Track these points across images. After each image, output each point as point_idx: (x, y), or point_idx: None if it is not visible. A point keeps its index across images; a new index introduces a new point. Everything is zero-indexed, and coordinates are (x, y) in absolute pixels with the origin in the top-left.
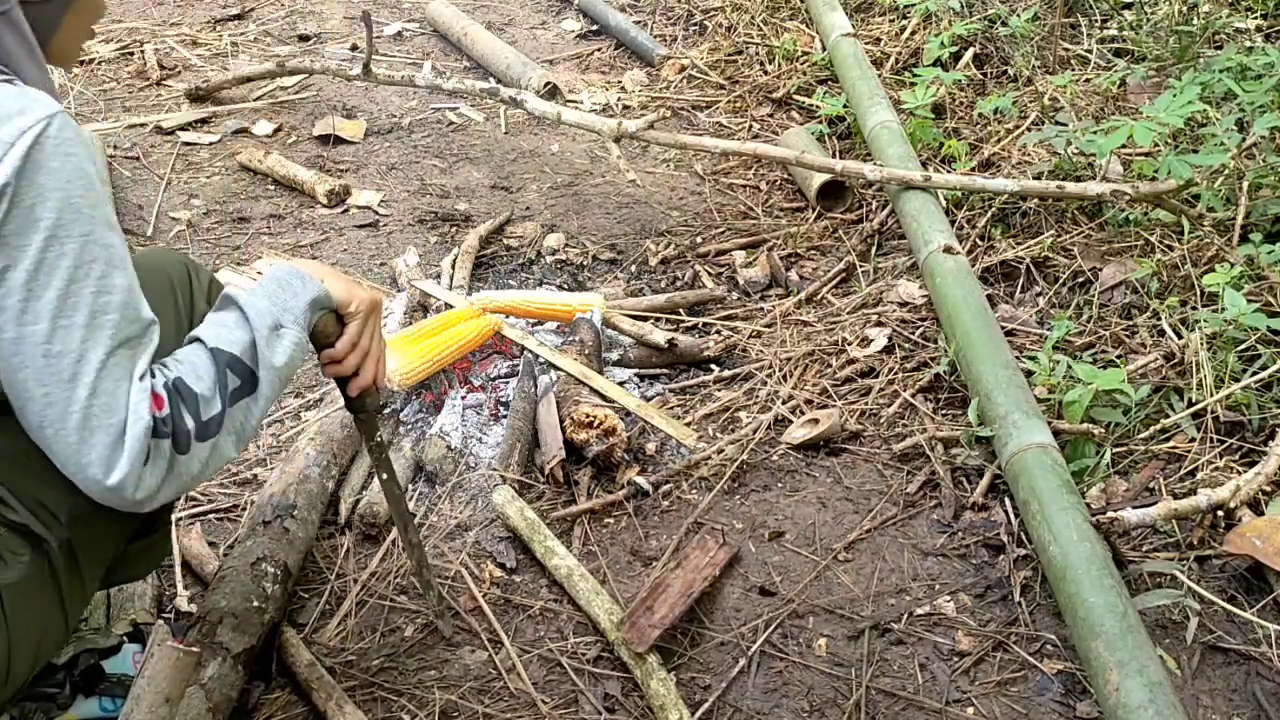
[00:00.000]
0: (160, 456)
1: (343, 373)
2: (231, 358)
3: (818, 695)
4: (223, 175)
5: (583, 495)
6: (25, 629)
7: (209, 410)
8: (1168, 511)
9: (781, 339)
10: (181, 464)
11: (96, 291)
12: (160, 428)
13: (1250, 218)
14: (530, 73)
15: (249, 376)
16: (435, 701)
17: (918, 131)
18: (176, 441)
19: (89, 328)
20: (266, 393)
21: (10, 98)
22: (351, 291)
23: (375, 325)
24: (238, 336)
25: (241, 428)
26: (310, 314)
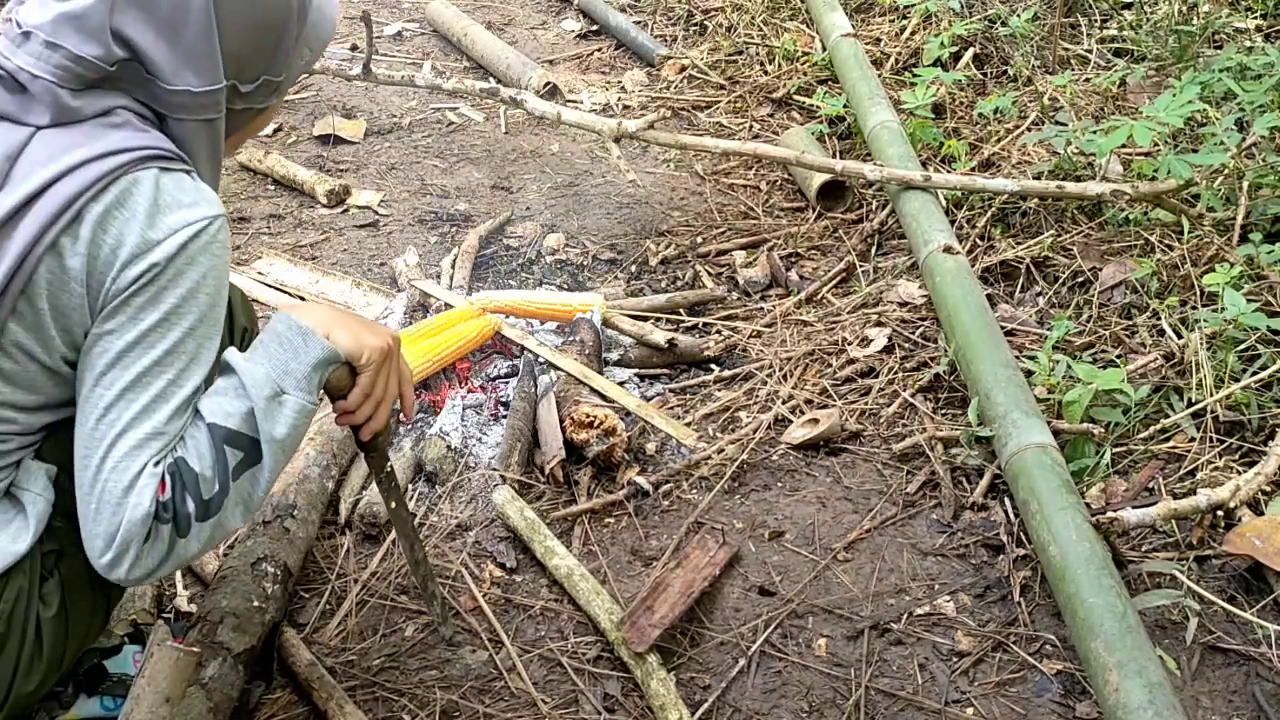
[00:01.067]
0: (160, 540)
1: (356, 422)
2: (229, 433)
3: (817, 695)
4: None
5: (583, 495)
6: (79, 620)
7: (209, 490)
8: (1167, 511)
9: (781, 339)
10: (181, 545)
11: (170, 382)
12: (161, 513)
13: (1250, 217)
14: (530, 73)
15: (251, 447)
16: (436, 701)
17: (918, 131)
18: (177, 525)
19: (144, 411)
20: (270, 464)
21: (186, 189)
22: (362, 342)
23: (390, 370)
24: (235, 408)
25: (248, 498)
26: (316, 376)
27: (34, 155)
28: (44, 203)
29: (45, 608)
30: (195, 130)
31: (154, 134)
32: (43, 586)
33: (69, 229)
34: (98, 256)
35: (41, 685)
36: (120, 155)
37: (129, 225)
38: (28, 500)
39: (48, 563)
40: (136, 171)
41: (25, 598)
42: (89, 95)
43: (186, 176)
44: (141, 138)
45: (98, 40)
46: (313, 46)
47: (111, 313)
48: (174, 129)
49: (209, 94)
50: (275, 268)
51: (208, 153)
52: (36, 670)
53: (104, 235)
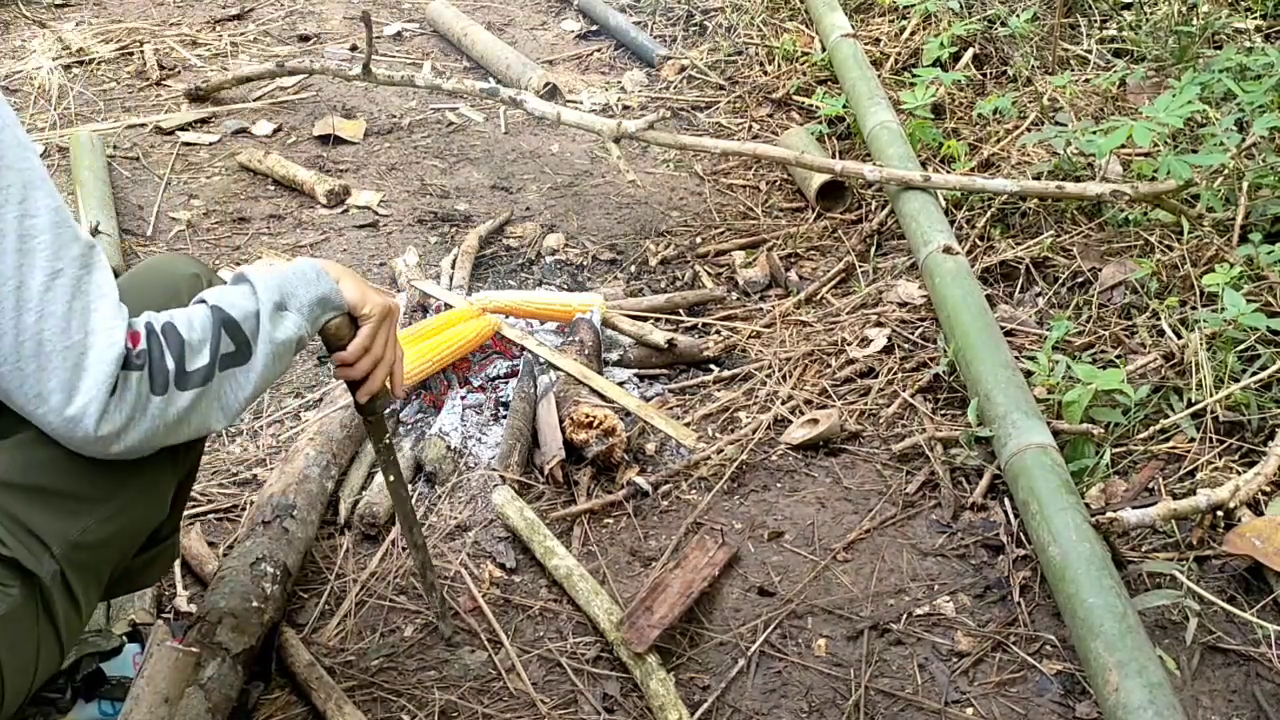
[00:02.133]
0: (129, 389)
1: (353, 376)
2: (230, 319)
3: (817, 695)
4: (222, 175)
5: (582, 495)
6: (18, 660)
7: (195, 359)
8: (1167, 512)
9: (781, 339)
10: (155, 406)
11: (20, 216)
12: (133, 360)
13: (1250, 218)
14: (530, 73)
15: (245, 345)
16: (435, 702)
17: (917, 132)
18: (153, 379)
19: (20, 252)
20: (259, 367)
21: None
22: (366, 295)
23: (389, 331)
24: (242, 304)
25: (228, 400)
26: (317, 309)
27: None
28: None
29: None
30: None
31: None
32: None
33: None
34: None
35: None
36: None
37: None
38: None
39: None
40: None
41: None
42: None
43: None
44: None
45: None
46: None
47: None
48: None
49: None
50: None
51: None
52: None
53: None
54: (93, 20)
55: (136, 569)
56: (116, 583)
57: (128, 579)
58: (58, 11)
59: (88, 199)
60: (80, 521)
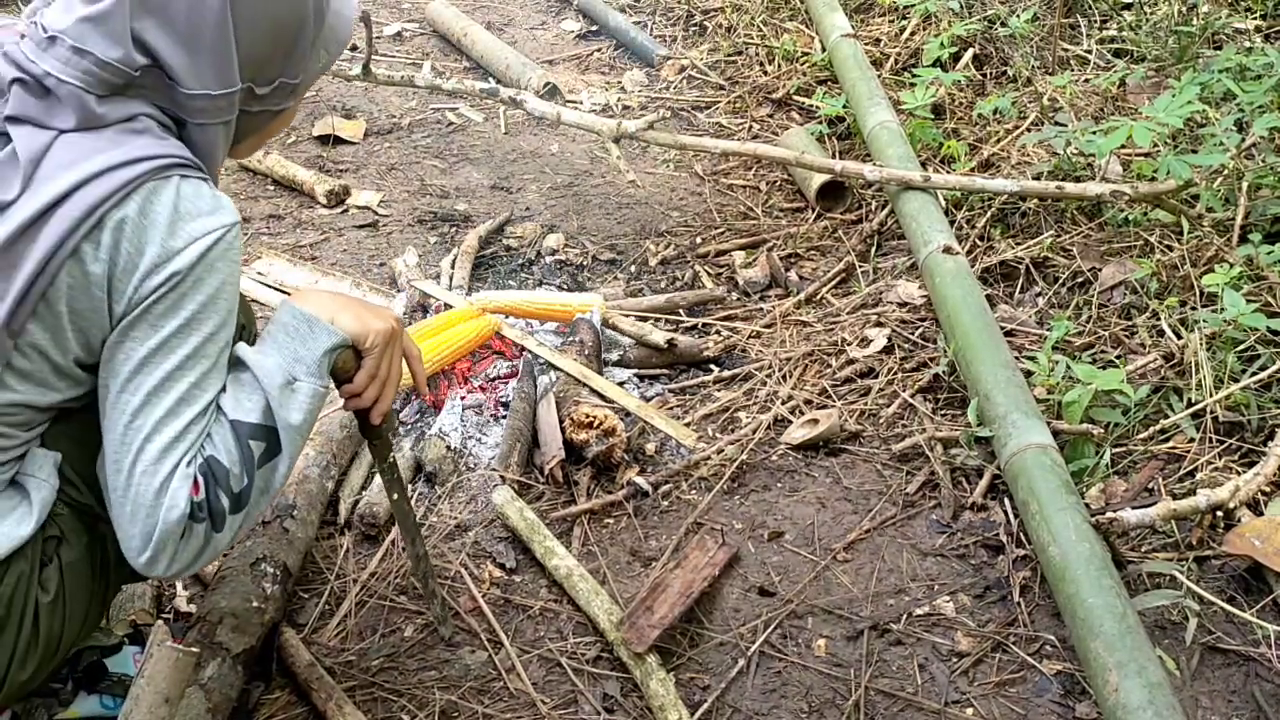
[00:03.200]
0: (196, 537)
1: (362, 405)
2: (251, 427)
3: (817, 695)
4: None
5: (582, 495)
6: (77, 608)
7: (238, 484)
8: (1167, 512)
9: (781, 339)
10: (216, 539)
11: (192, 385)
12: (197, 513)
13: (1249, 218)
14: (530, 73)
15: (271, 438)
16: (435, 702)
17: (917, 132)
18: (213, 521)
19: (169, 414)
20: (289, 451)
21: (205, 197)
22: (366, 325)
23: (395, 351)
24: (253, 402)
25: (269, 486)
26: (325, 361)
27: (58, 159)
28: (67, 208)
29: (44, 594)
30: (214, 134)
31: (173, 141)
32: (42, 572)
33: (91, 235)
34: (118, 263)
35: (37, 673)
36: (143, 163)
37: (150, 233)
38: (32, 487)
39: (49, 549)
40: (157, 179)
41: (25, 583)
42: (113, 101)
43: (205, 184)
44: (162, 145)
45: (121, 45)
46: (330, 49)
47: (134, 320)
48: (193, 134)
49: (225, 96)
50: (275, 268)
51: (220, 155)
52: (32, 657)
53: (125, 242)
54: None
55: None
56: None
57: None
58: None
59: None
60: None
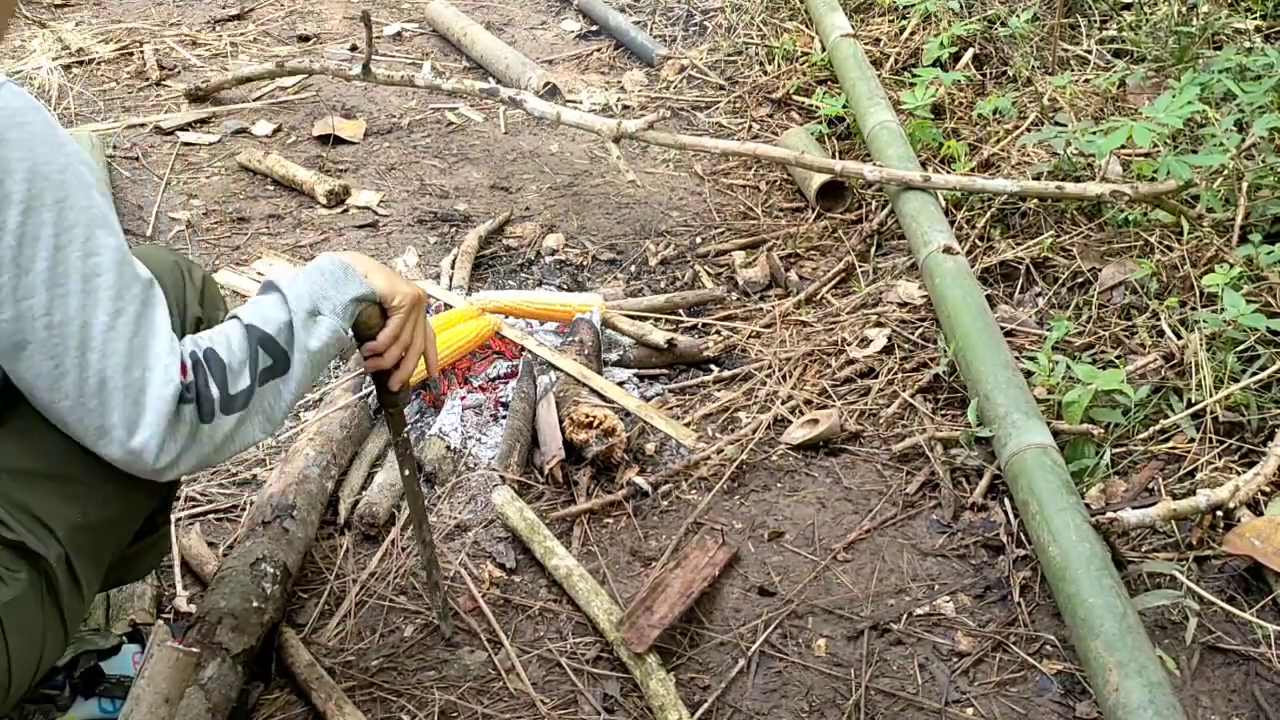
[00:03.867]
0: (182, 422)
1: (383, 365)
2: (265, 336)
3: (817, 695)
4: (222, 175)
5: (582, 495)
6: (25, 644)
7: (237, 383)
8: (1167, 512)
9: (781, 339)
10: (204, 433)
11: (84, 255)
12: (184, 394)
13: (1249, 218)
14: (530, 73)
15: (282, 357)
16: (435, 702)
17: (917, 132)
18: (201, 409)
19: (85, 292)
20: (298, 376)
21: None
22: (395, 285)
23: (419, 319)
24: (274, 316)
25: (270, 410)
26: (352, 307)
27: None
28: None
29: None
30: None
31: None
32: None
33: None
34: None
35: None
36: None
37: None
38: None
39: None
40: None
41: None
42: None
43: None
44: None
45: None
46: None
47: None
48: None
49: None
50: (275, 268)
51: None
52: None
53: None
54: (92, 20)
55: (130, 558)
56: (110, 572)
57: (121, 569)
58: (58, 11)
59: None
60: (81, 505)
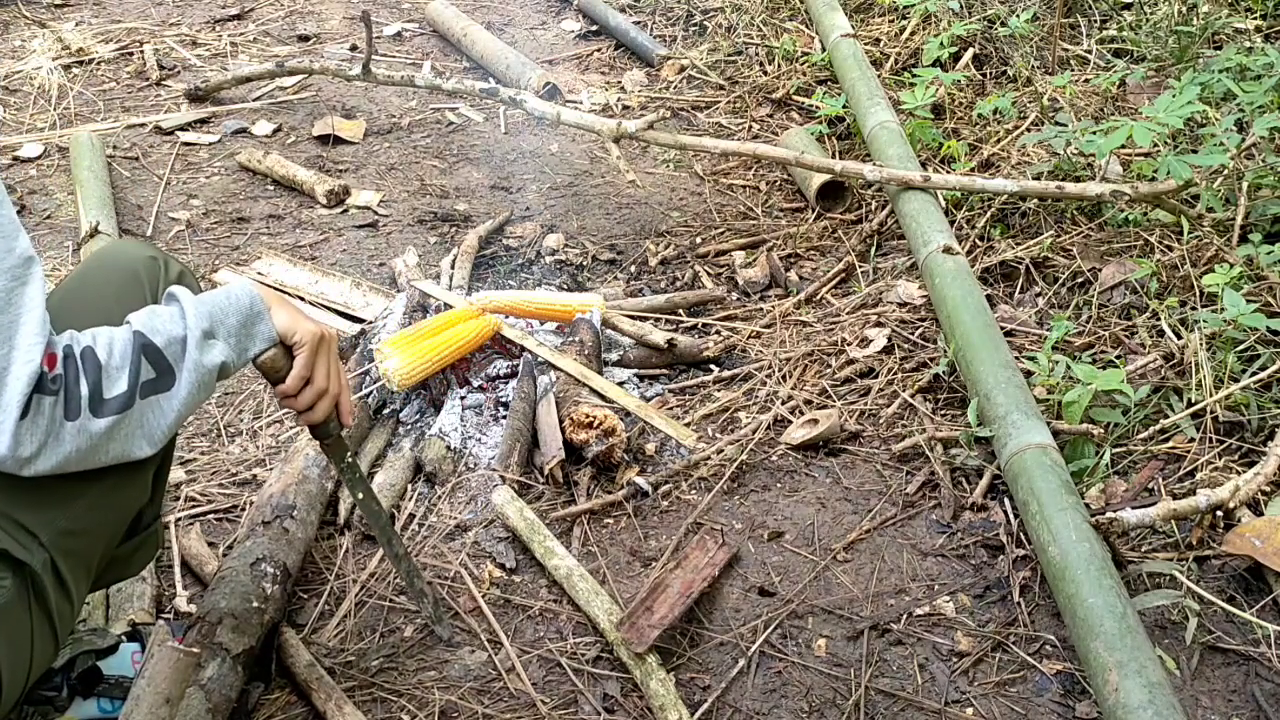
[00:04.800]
0: (41, 414)
1: (298, 407)
2: (152, 346)
3: (817, 695)
4: (222, 175)
5: (582, 495)
6: (14, 652)
7: (112, 387)
8: (1167, 512)
9: (781, 339)
10: (68, 432)
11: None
12: (47, 384)
13: (1249, 218)
14: (530, 73)
15: (167, 372)
16: (435, 702)
17: (917, 132)
18: (66, 405)
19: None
20: (182, 395)
21: None
22: (295, 323)
23: (327, 360)
24: (167, 329)
25: (151, 427)
26: (245, 340)
27: None
28: None
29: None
30: None
31: None
32: None
33: None
34: None
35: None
36: None
37: None
38: None
39: None
40: None
41: None
42: None
43: None
44: None
45: None
46: None
47: None
48: None
49: None
50: (275, 268)
51: None
52: None
53: None
54: (93, 20)
55: (122, 558)
56: (104, 572)
57: (114, 568)
58: (58, 11)
59: (87, 199)
60: (65, 509)
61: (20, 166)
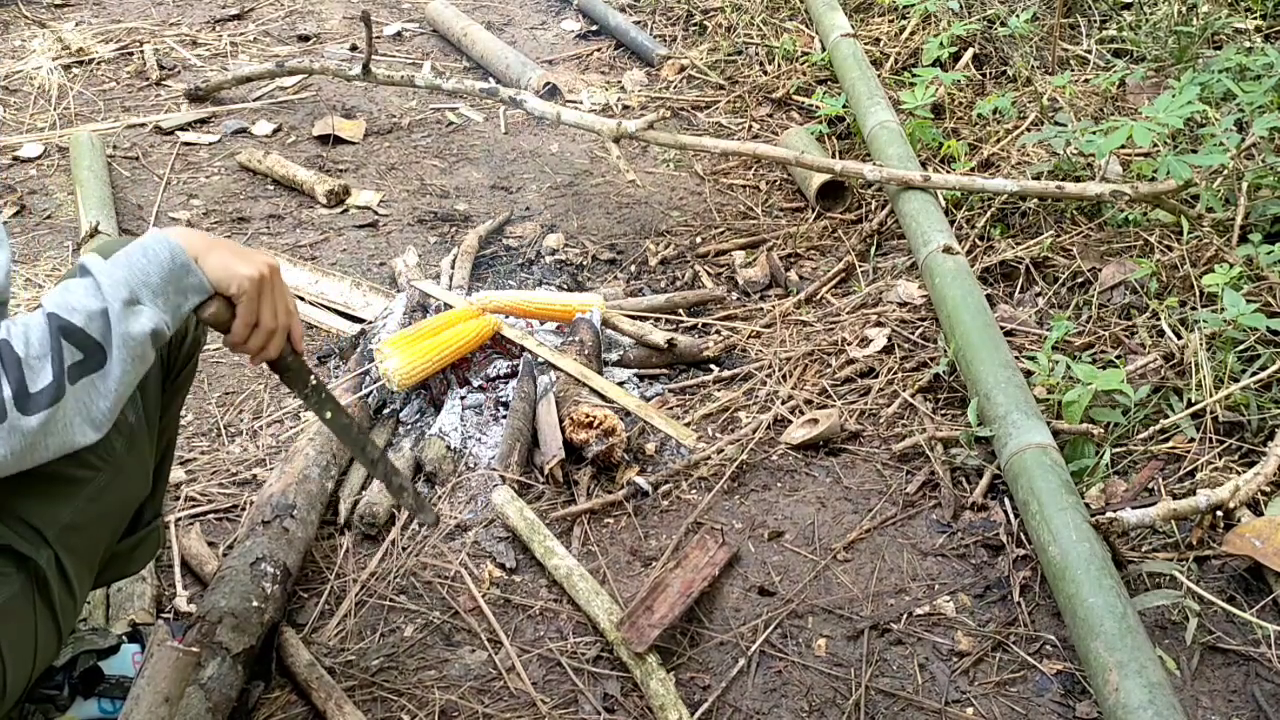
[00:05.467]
0: None
1: (249, 351)
2: (70, 327)
3: (817, 695)
4: (222, 175)
5: (582, 495)
6: (20, 647)
7: (36, 379)
8: (1167, 512)
9: (781, 339)
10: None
11: None
12: None
13: (1249, 218)
14: (530, 73)
15: (95, 350)
16: (435, 701)
17: (917, 132)
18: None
19: None
20: (117, 373)
21: None
22: (231, 271)
23: (272, 298)
24: (84, 304)
25: (89, 410)
26: (175, 297)
27: None
28: None
29: None
30: None
31: None
32: None
33: None
34: None
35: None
36: None
37: None
38: None
39: None
40: None
41: None
42: None
43: None
44: None
45: None
46: None
47: None
48: None
49: None
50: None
51: None
52: None
53: None
54: (93, 20)
55: (123, 554)
56: (104, 569)
57: (115, 565)
58: (58, 11)
59: (88, 199)
60: (69, 504)
61: (20, 166)
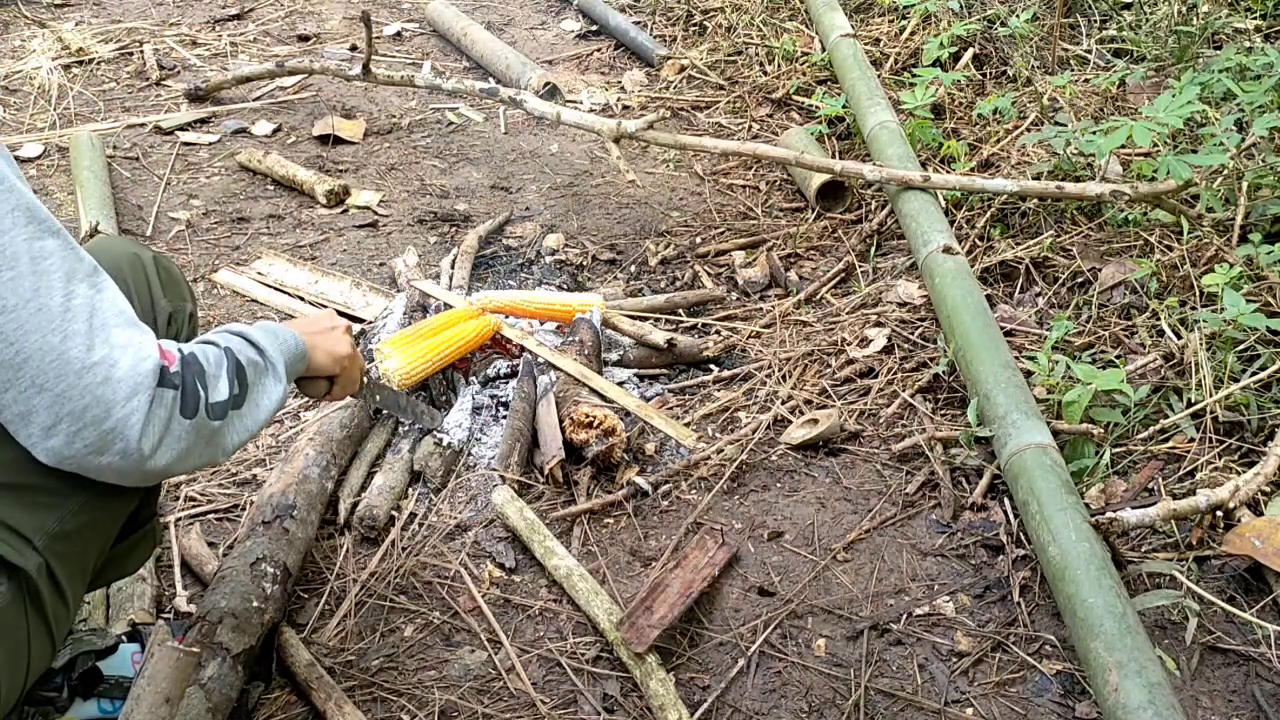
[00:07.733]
0: (162, 405)
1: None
2: (239, 364)
3: (817, 695)
4: (222, 175)
5: (582, 495)
6: (12, 654)
7: (216, 392)
8: (1167, 512)
9: (781, 339)
10: (184, 429)
11: (29, 238)
12: (169, 378)
13: (1249, 218)
14: (530, 73)
15: (248, 389)
16: (435, 702)
17: (917, 132)
18: (184, 401)
19: (36, 274)
20: (259, 416)
21: None
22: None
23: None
24: (249, 354)
25: (229, 437)
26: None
27: None
28: None
29: None
30: None
31: None
32: None
33: None
34: None
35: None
36: None
37: None
38: None
39: None
40: None
41: None
42: None
43: None
44: None
45: None
46: None
47: None
48: None
49: None
50: (275, 268)
51: None
52: None
53: None
54: (92, 20)
55: (119, 556)
56: (100, 572)
57: (111, 567)
58: (58, 11)
59: (88, 199)
60: (56, 512)
61: (20, 167)
